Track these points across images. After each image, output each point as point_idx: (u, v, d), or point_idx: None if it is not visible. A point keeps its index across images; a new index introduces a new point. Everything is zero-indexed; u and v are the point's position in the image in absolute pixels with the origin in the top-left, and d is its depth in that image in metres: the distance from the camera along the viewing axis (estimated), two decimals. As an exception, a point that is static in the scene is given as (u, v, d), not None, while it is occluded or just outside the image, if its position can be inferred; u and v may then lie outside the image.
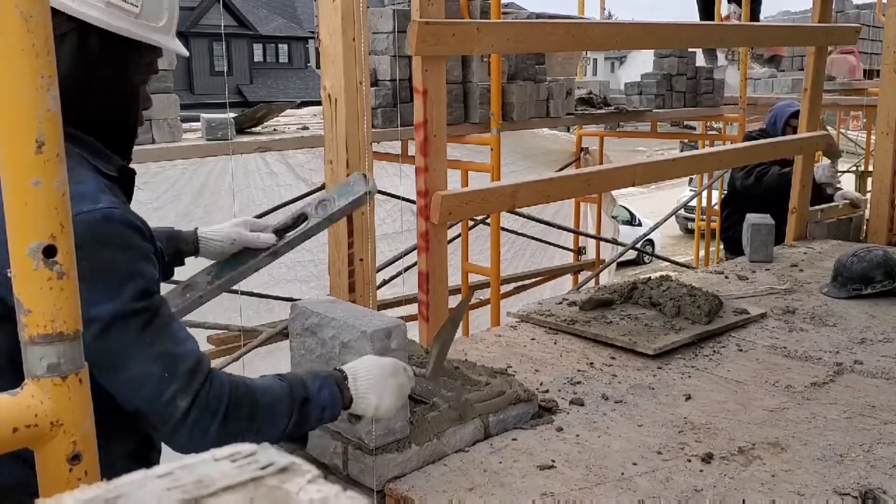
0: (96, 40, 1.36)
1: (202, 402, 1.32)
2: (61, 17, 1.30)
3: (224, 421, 1.34)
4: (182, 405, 1.30)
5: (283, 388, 1.44)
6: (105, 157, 1.40)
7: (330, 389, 1.48)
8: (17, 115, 0.93)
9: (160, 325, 1.32)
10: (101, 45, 1.36)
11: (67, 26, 1.32)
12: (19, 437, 0.98)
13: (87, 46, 1.35)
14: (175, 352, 1.32)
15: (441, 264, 2.62)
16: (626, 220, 14.99)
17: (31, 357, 0.99)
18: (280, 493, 0.49)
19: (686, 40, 4.43)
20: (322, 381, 1.49)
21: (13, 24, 0.90)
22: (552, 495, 1.67)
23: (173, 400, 1.30)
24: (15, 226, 0.96)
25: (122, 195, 1.43)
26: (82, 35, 1.35)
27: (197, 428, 1.32)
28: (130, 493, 0.48)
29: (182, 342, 1.35)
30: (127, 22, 1.38)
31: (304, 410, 1.45)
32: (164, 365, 1.30)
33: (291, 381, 1.46)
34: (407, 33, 2.46)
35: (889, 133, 4.08)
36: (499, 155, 5.38)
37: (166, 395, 1.30)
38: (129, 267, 1.29)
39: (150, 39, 1.42)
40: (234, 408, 1.36)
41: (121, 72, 1.41)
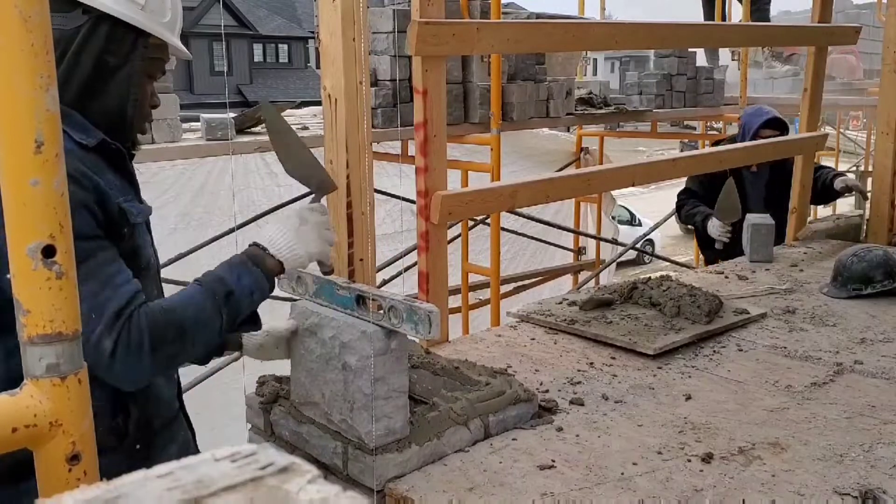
0: (106, 29, 1.52)
1: (125, 341, 1.40)
2: (77, 12, 1.50)
3: (153, 350, 1.42)
4: (107, 345, 1.39)
5: (202, 293, 1.51)
6: (84, 130, 1.52)
7: (249, 273, 1.56)
8: (16, 115, 0.93)
9: (92, 267, 1.39)
10: (109, 33, 1.53)
11: (82, 19, 1.51)
12: (18, 437, 0.98)
13: (97, 34, 1.52)
14: (102, 294, 1.40)
15: (441, 264, 2.62)
16: (626, 220, 14.99)
17: (30, 357, 0.99)
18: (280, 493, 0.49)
19: (686, 40, 4.43)
20: (238, 268, 1.56)
21: (13, 24, 0.90)
22: (552, 495, 1.67)
23: (99, 341, 1.38)
24: (14, 226, 0.96)
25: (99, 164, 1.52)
26: (94, 25, 1.52)
27: (127, 364, 1.41)
28: (130, 493, 0.48)
29: (114, 286, 1.42)
30: (133, 11, 1.54)
31: (232, 304, 1.52)
32: (90, 306, 1.36)
33: (208, 283, 1.53)
34: (407, 33, 2.46)
35: (889, 133, 4.08)
36: (499, 155, 5.38)
37: (94, 338, 1.38)
38: None
39: (154, 30, 1.58)
40: (157, 336, 1.43)
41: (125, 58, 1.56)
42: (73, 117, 1.51)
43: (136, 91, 1.59)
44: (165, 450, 1.67)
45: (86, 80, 1.52)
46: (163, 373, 1.57)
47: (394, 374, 1.74)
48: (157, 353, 1.43)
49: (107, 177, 1.54)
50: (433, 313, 1.64)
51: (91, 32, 1.51)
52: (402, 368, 1.77)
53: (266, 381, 2.07)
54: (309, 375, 1.86)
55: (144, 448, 1.61)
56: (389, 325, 1.72)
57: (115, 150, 1.57)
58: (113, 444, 1.54)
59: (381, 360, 1.71)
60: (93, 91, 1.54)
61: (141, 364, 1.42)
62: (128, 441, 1.56)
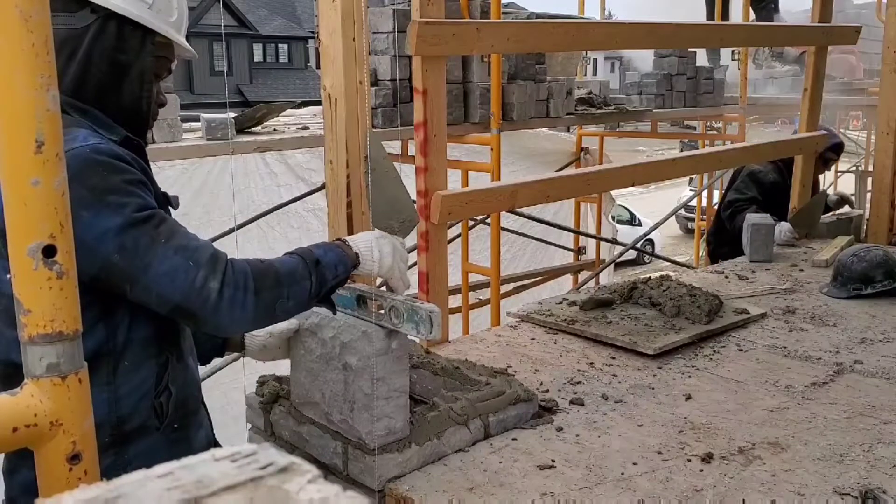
0: (114, 28, 1.55)
1: (231, 281, 1.44)
2: (86, 11, 1.52)
3: (256, 292, 1.46)
4: (214, 286, 1.42)
5: (294, 258, 1.58)
6: (108, 127, 1.54)
7: (334, 251, 1.63)
8: (16, 115, 0.93)
9: (170, 227, 1.45)
10: (118, 32, 1.55)
11: (91, 17, 1.53)
12: (19, 436, 0.98)
13: (106, 33, 1.54)
14: (192, 244, 1.45)
15: (441, 264, 2.62)
16: (626, 220, 14.98)
17: (30, 357, 0.99)
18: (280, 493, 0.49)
19: (686, 40, 4.43)
20: (324, 245, 1.65)
21: (13, 24, 0.90)
22: (552, 495, 1.67)
23: (205, 283, 1.42)
24: (15, 226, 0.96)
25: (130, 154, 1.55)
26: (103, 24, 1.54)
27: (234, 304, 1.44)
28: (130, 493, 0.48)
29: (195, 238, 1.48)
30: (141, 10, 1.56)
31: (320, 271, 1.57)
32: (186, 256, 1.42)
33: (299, 252, 1.60)
34: (407, 33, 2.46)
35: (889, 133, 4.08)
36: (499, 155, 5.38)
37: (198, 282, 1.42)
38: (125, 187, 1.42)
39: (161, 29, 1.60)
40: (260, 278, 1.48)
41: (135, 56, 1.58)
42: (95, 115, 1.53)
43: (149, 88, 1.62)
44: (198, 434, 1.69)
45: (101, 79, 1.54)
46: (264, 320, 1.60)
47: (394, 374, 1.74)
48: (260, 297, 1.47)
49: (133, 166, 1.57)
50: (434, 313, 1.64)
51: (100, 31, 1.53)
52: (403, 368, 1.77)
53: (266, 381, 2.07)
54: (309, 375, 1.86)
55: (182, 429, 1.62)
56: (390, 325, 1.72)
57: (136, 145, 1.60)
58: (156, 424, 1.56)
59: (382, 360, 1.71)
60: (109, 89, 1.56)
61: (245, 306, 1.46)
62: (167, 421, 1.58)
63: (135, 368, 1.53)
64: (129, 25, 1.55)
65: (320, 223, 6.06)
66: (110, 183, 1.40)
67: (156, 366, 1.56)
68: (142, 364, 1.54)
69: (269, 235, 6.09)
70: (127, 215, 1.39)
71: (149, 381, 1.55)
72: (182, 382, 1.63)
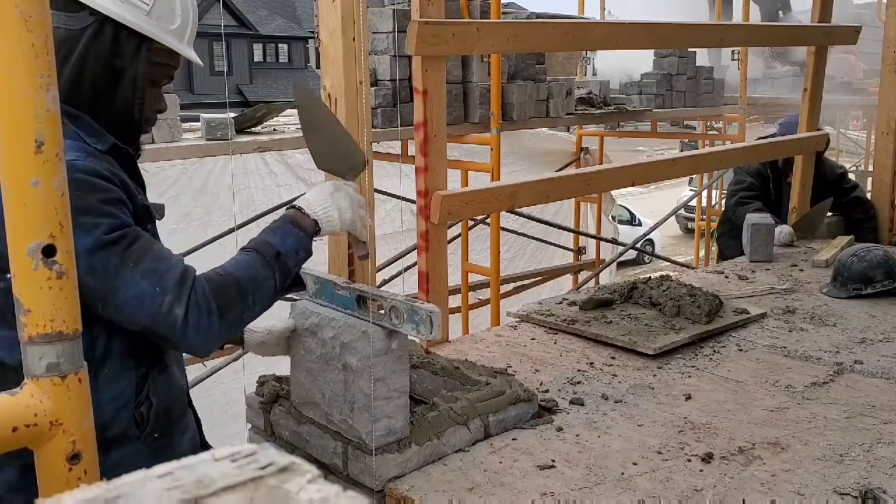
0: (110, 32, 1.52)
1: (194, 307, 1.45)
2: (84, 13, 1.50)
3: (221, 314, 1.48)
4: (179, 313, 1.44)
5: (251, 256, 1.57)
6: (96, 135, 1.53)
7: (292, 235, 1.62)
8: (16, 115, 0.93)
9: (141, 248, 1.45)
10: (113, 37, 1.53)
11: (89, 20, 1.50)
12: (19, 436, 0.98)
13: (102, 37, 1.52)
14: (160, 268, 1.45)
15: (441, 264, 2.62)
16: (626, 220, 14.98)
17: (30, 356, 0.99)
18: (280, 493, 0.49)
19: (686, 40, 4.43)
20: (280, 230, 1.62)
21: (13, 24, 0.90)
22: (552, 495, 1.67)
23: (171, 310, 1.44)
24: (14, 225, 0.96)
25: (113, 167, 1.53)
26: (100, 27, 1.51)
27: (200, 329, 1.46)
28: (130, 493, 0.48)
29: (165, 259, 1.48)
30: (137, 17, 1.54)
31: (281, 263, 1.58)
32: (153, 282, 1.43)
33: (255, 247, 1.59)
34: (407, 33, 2.46)
35: (889, 133, 4.08)
36: (499, 155, 5.38)
37: (164, 307, 1.43)
38: (100, 207, 1.42)
39: (158, 36, 1.57)
40: (222, 297, 1.49)
41: (129, 63, 1.56)
42: (85, 121, 1.52)
43: (141, 95, 1.59)
44: (181, 440, 1.68)
45: (94, 83, 1.53)
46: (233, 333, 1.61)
47: (394, 374, 1.74)
48: (225, 315, 1.49)
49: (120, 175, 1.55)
50: (434, 313, 1.64)
51: (96, 35, 1.51)
52: (403, 368, 1.77)
53: (266, 381, 2.07)
54: (309, 375, 1.86)
55: (164, 437, 1.62)
56: (390, 326, 1.72)
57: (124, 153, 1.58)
58: (136, 433, 1.56)
59: (382, 361, 1.71)
60: (101, 94, 1.54)
61: (211, 327, 1.47)
62: (148, 430, 1.58)
63: (115, 378, 1.52)
64: (125, 31, 1.53)
65: (320, 223, 6.05)
66: (85, 202, 1.39)
67: (135, 377, 1.55)
68: (121, 375, 1.53)
69: (269, 235, 6.08)
70: (97, 237, 1.39)
71: (128, 392, 1.54)
72: (165, 392, 1.62)
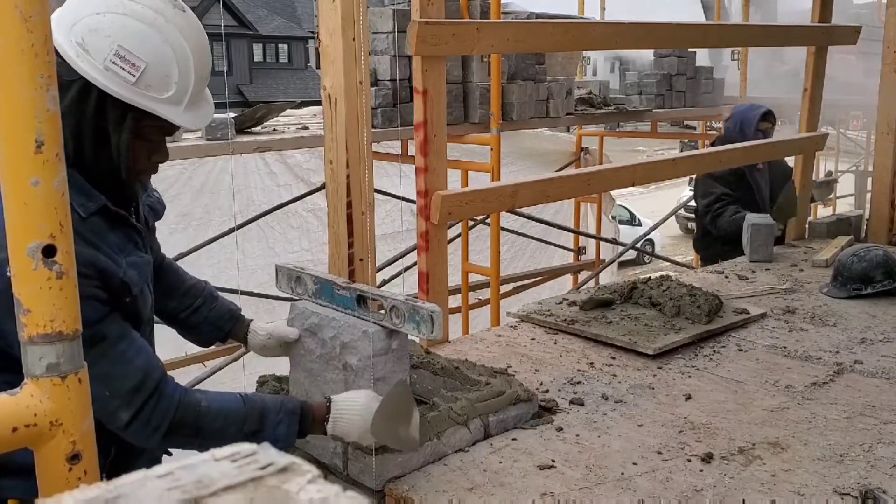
0: (95, 94, 1.44)
1: (144, 418, 1.46)
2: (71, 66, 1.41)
3: (166, 435, 1.49)
4: (124, 418, 1.45)
5: (237, 415, 1.54)
6: (85, 194, 1.47)
7: (288, 428, 1.58)
8: (16, 115, 0.93)
9: (103, 348, 1.42)
10: (98, 101, 1.45)
11: (75, 74, 1.42)
12: (19, 436, 0.98)
13: (88, 98, 1.44)
14: (114, 372, 1.43)
15: (441, 264, 2.61)
16: (626, 220, 14.97)
17: (30, 357, 0.99)
18: (280, 493, 0.49)
19: (686, 40, 4.43)
20: (286, 415, 1.58)
21: (13, 24, 0.90)
22: (552, 495, 1.67)
23: (116, 413, 1.45)
24: (14, 225, 0.96)
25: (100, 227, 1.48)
26: (85, 87, 1.44)
27: (138, 436, 1.48)
28: (130, 493, 0.48)
29: (127, 362, 1.45)
30: (123, 87, 1.45)
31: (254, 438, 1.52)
32: (105, 385, 1.40)
33: (249, 411, 1.55)
34: (407, 33, 2.46)
35: (889, 133, 4.08)
36: (499, 155, 5.38)
37: (109, 408, 1.44)
38: None
39: (146, 106, 1.48)
40: (177, 426, 1.49)
41: (114, 128, 1.48)
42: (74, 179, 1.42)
43: (128, 159, 1.51)
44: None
45: (80, 141, 1.45)
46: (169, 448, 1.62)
47: (395, 374, 1.74)
48: (168, 439, 1.50)
49: (108, 239, 1.50)
50: (435, 313, 1.64)
51: (82, 95, 1.44)
52: (403, 368, 1.77)
53: (266, 381, 2.07)
54: (309, 376, 1.86)
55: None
56: (391, 325, 1.72)
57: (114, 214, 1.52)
58: None
59: (382, 360, 1.71)
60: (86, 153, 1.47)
61: (151, 440, 1.49)
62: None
63: None
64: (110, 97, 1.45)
65: (320, 223, 6.06)
66: None
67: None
68: None
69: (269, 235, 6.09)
70: None
71: None
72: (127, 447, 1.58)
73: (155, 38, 1.47)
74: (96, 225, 1.49)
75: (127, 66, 1.44)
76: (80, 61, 1.42)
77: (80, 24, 1.43)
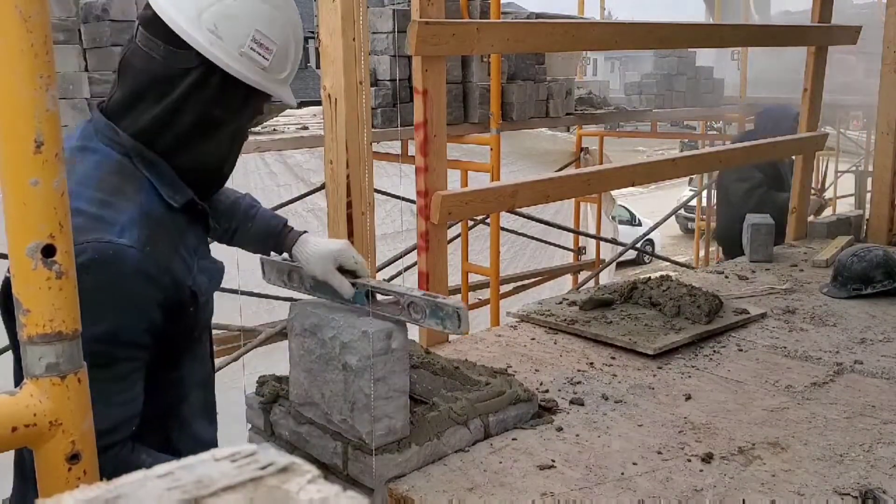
0: (218, 81, 1.39)
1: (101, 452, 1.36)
2: (191, 53, 1.36)
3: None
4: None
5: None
6: (173, 186, 1.41)
7: None
8: (16, 115, 0.93)
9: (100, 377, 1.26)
10: (221, 87, 1.40)
11: (195, 62, 1.37)
12: (18, 436, 0.98)
13: (208, 85, 1.39)
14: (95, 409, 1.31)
15: (441, 264, 2.61)
16: (626, 220, 14.98)
17: (29, 357, 0.99)
18: (280, 493, 0.49)
19: (686, 40, 4.43)
20: None
21: (13, 24, 0.90)
22: (552, 495, 1.67)
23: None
24: (14, 226, 0.96)
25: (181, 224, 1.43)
26: (206, 74, 1.38)
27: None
28: (130, 493, 0.48)
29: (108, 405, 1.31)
30: (255, 73, 1.42)
31: None
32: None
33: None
34: (407, 33, 2.46)
35: (889, 133, 4.08)
36: (498, 155, 5.39)
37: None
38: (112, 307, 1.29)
39: (269, 89, 1.45)
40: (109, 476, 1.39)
41: (233, 114, 1.44)
42: (162, 169, 1.39)
43: (238, 149, 1.50)
44: None
45: (187, 131, 1.40)
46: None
47: (394, 374, 1.74)
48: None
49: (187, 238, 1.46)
50: (462, 309, 1.63)
51: (201, 81, 1.38)
52: (403, 368, 1.77)
53: (266, 381, 2.07)
54: (309, 376, 1.86)
55: None
56: (409, 321, 1.72)
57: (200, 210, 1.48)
58: None
59: (382, 360, 1.71)
60: (192, 143, 1.42)
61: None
62: None
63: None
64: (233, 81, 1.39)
65: (320, 223, 6.06)
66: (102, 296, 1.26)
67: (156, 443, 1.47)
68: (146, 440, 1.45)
69: (269, 235, 6.08)
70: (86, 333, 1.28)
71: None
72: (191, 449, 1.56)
73: (280, 19, 1.44)
74: (179, 221, 1.43)
75: (262, 51, 1.41)
76: (214, 48, 1.37)
77: (210, 11, 1.37)
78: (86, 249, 1.19)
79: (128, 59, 1.41)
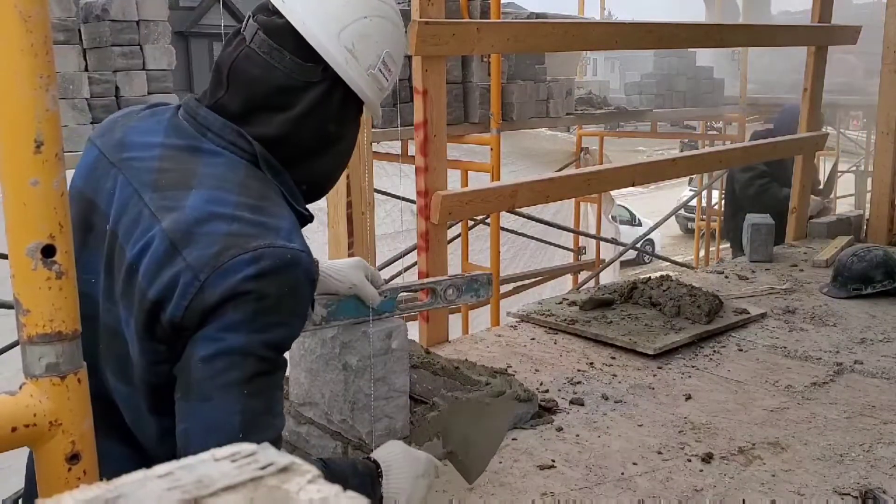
0: (339, 97, 1.38)
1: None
2: (318, 67, 1.34)
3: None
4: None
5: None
6: (296, 197, 1.40)
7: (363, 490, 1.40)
8: (15, 115, 0.93)
9: (270, 384, 1.24)
10: (342, 103, 1.39)
11: (320, 76, 1.35)
12: (18, 436, 0.98)
13: (331, 101, 1.38)
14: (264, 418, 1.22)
15: (441, 264, 2.62)
16: (627, 220, 14.98)
17: (29, 357, 0.99)
18: (280, 493, 0.49)
19: (686, 40, 4.43)
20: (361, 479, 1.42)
21: (13, 24, 0.90)
22: (552, 495, 1.67)
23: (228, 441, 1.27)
24: (14, 226, 0.96)
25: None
26: (330, 89, 1.37)
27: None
28: (130, 493, 0.48)
29: (277, 414, 1.26)
30: (374, 93, 1.43)
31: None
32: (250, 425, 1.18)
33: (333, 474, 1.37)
34: (407, 33, 2.46)
35: (889, 133, 4.08)
36: (499, 155, 5.38)
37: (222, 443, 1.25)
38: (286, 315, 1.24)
39: (377, 108, 1.48)
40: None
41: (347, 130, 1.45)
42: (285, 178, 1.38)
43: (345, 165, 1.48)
44: None
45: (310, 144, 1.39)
46: None
47: (395, 374, 1.74)
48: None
49: None
50: (490, 275, 1.90)
51: (327, 95, 1.37)
52: (403, 368, 1.77)
53: (266, 381, 2.06)
54: (309, 375, 1.86)
55: None
56: (445, 304, 1.87)
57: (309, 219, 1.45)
58: None
59: (382, 360, 1.71)
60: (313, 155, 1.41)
61: None
62: None
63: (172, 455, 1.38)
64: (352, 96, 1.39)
65: (320, 223, 6.06)
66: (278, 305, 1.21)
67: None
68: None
69: (269, 235, 6.08)
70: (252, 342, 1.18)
71: None
72: None
73: (403, 41, 1.46)
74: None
75: (386, 73, 1.42)
76: (349, 67, 1.36)
77: (349, 30, 1.36)
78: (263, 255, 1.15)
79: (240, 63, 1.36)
